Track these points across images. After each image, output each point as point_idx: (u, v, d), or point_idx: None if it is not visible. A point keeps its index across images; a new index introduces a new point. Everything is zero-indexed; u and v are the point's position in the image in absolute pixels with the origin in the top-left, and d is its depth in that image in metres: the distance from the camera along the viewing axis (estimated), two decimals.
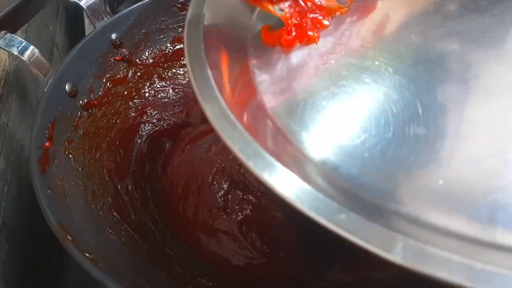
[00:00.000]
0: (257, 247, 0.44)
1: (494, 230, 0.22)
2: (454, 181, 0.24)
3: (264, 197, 0.46)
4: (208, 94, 0.27)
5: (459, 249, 0.20)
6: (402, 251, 0.19)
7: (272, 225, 0.45)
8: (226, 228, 0.45)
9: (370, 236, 0.20)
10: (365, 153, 0.26)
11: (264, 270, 0.43)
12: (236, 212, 0.46)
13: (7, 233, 0.43)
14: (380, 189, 0.24)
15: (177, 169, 0.51)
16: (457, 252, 0.19)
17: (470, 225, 0.22)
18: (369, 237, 0.20)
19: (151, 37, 0.56)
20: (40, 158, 0.41)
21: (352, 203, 0.23)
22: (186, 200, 0.48)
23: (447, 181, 0.24)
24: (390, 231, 0.20)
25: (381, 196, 0.24)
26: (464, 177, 0.24)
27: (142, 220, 0.46)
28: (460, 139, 0.26)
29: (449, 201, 0.23)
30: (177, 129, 0.56)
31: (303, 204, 0.22)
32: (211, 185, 0.48)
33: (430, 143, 0.26)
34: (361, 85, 0.29)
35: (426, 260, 0.19)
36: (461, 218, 0.22)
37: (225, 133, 0.25)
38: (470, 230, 0.22)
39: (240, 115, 0.26)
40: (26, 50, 0.44)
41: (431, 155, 0.25)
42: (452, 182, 0.24)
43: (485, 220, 0.22)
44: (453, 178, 0.24)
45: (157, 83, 0.57)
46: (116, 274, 0.36)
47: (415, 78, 0.29)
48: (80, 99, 0.49)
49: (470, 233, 0.22)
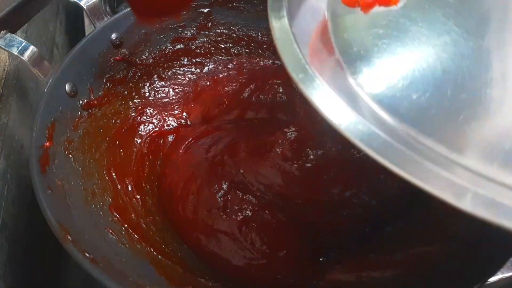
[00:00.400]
0: (257, 248, 0.44)
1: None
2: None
3: (263, 197, 0.46)
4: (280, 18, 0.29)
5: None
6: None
7: (272, 226, 0.45)
8: (226, 228, 0.45)
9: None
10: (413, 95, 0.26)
11: (265, 270, 0.43)
12: (236, 213, 0.45)
13: (7, 233, 0.43)
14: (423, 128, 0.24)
15: (176, 170, 0.50)
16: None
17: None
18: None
19: (151, 37, 0.56)
20: (40, 158, 0.41)
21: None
22: (186, 200, 0.47)
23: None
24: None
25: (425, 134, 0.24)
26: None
27: (142, 220, 0.46)
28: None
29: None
30: (177, 129, 0.56)
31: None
32: (210, 186, 0.47)
33: (478, 93, 0.26)
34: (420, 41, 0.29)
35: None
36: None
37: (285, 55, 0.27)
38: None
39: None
40: (26, 50, 0.44)
41: (480, 106, 0.25)
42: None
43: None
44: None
45: (157, 83, 0.57)
46: (116, 274, 0.36)
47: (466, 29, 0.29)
48: (80, 99, 0.49)
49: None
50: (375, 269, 0.42)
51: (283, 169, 0.46)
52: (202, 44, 0.59)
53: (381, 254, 0.43)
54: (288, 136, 0.48)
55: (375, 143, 0.22)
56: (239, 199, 0.46)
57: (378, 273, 0.42)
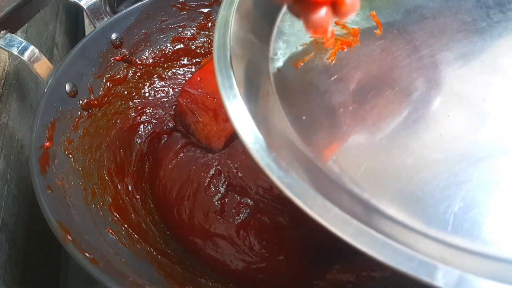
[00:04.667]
0: (256, 251, 0.43)
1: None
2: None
3: (262, 200, 0.45)
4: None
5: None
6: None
7: (271, 229, 0.44)
8: (223, 232, 0.44)
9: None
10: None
11: (264, 273, 0.43)
12: (233, 216, 0.45)
13: (7, 233, 0.43)
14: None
15: (171, 172, 0.50)
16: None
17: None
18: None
19: (151, 37, 0.56)
20: (40, 158, 0.41)
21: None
22: (181, 204, 0.47)
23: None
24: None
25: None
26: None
27: (142, 220, 0.46)
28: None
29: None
30: (177, 129, 0.56)
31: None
32: (207, 189, 0.47)
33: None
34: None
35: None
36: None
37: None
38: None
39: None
40: (26, 50, 0.44)
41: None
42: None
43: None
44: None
45: (157, 83, 0.57)
46: (116, 274, 0.36)
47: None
48: (80, 99, 0.49)
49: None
50: (375, 269, 0.42)
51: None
52: (202, 44, 0.59)
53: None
54: None
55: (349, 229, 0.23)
56: (237, 202, 0.46)
57: (378, 273, 0.42)
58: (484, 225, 0.24)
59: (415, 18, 0.34)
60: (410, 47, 0.32)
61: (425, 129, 0.28)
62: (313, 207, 0.23)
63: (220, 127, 0.50)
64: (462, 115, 0.29)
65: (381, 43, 0.33)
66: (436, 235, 0.24)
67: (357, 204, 0.25)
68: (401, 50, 0.32)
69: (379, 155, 0.27)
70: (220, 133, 0.50)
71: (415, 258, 0.21)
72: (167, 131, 0.55)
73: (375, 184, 0.26)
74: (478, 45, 0.32)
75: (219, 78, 0.27)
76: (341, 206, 0.23)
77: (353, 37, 0.33)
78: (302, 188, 0.23)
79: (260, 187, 0.45)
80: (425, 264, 0.21)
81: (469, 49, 0.31)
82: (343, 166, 0.27)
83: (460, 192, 0.25)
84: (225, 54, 0.28)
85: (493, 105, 0.29)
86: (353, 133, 0.28)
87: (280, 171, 0.24)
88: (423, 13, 0.34)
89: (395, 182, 0.26)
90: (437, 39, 0.32)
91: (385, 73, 0.31)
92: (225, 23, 0.30)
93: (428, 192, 0.25)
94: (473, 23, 0.33)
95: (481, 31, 0.32)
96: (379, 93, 0.30)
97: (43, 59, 0.45)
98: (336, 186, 0.26)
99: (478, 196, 0.25)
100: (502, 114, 0.29)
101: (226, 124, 0.50)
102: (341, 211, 0.22)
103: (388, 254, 0.22)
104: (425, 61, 0.31)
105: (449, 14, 0.33)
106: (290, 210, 0.45)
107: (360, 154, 0.27)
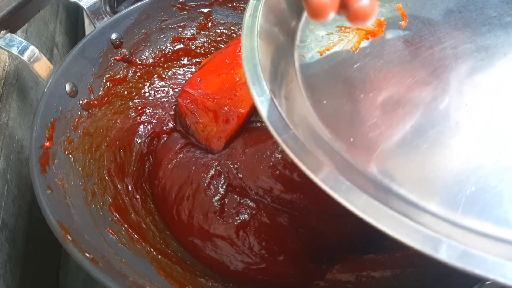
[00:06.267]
0: (256, 252, 0.43)
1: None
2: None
3: (262, 201, 0.45)
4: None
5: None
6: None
7: (271, 230, 0.44)
8: (223, 233, 0.44)
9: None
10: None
11: (264, 274, 0.43)
12: (233, 217, 0.45)
13: (7, 233, 0.43)
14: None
15: (170, 172, 0.50)
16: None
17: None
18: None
19: (151, 37, 0.56)
20: (40, 158, 0.41)
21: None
22: (180, 204, 0.47)
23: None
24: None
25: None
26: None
27: (142, 220, 0.46)
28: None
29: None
30: (176, 129, 0.56)
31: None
32: (207, 189, 0.47)
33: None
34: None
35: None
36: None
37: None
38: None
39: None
40: (26, 50, 0.44)
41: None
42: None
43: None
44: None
45: (157, 83, 0.57)
46: (116, 274, 0.36)
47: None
48: (80, 99, 0.49)
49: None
50: (375, 269, 0.42)
51: (284, 174, 0.45)
52: (202, 44, 0.59)
53: (381, 254, 0.43)
54: None
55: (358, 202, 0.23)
56: (236, 203, 0.45)
57: (378, 273, 0.42)
58: (495, 209, 0.25)
59: (440, 11, 0.34)
60: (434, 38, 0.33)
61: (442, 117, 0.29)
62: (324, 180, 0.24)
63: (220, 128, 0.50)
64: (479, 105, 0.29)
65: (405, 34, 0.34)
66: (446, 216, 0.24)
67: (369, 183, 0.26)
68: (425, 41, 0.33)
69: (394, 139, 0.28)
70: (220, 134, 0.50)
71: (421, 232, 0.22)
72: (167, 131, 0.55)
73: (389, 166, 0.27)
74: (501, 39, 0.32)
75: (245, 57, 0.29)
76: (353, 182, 0.24)
77: (378, 28, 0.34)
78: (316, 164, 0.24)
79: (260, 188, 0.45)
80: (430, 237, 0.22)
81: (492, 42, 0.32)
82: (359, 149, 0.28)
83: (472, 177, 0.26)
84: (252, 39, 0.30)
85: (511, 96, 0.29)
86: (372, 118, 0.29)
87: (296, 146, 0.25)
88: (449, 6, 0.34)
89: (408, 164, 0.27)
90: (461, 32, 0.33)
91: (406, 62, 0.32)
92: (254, 9, 0.32)
93: (441, 176, 0.26)
94: (498, 18, 0.33)
95: (505, 26, 0.33)
96: (399, 81, 0.31)
97: (43, 59, 0.45)
98: (350, 167, 0.26)
99: (490, 181, 0.25)
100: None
101: (226, 125, 0.50)
102: (352, 184, 0.24)
103: (395, 227, 0.22)
104: (447, 52, 0.32)
105: (475, 8, 0.34)
106: (290, 210, 0.45)
107: (376, 138, 0.28)
